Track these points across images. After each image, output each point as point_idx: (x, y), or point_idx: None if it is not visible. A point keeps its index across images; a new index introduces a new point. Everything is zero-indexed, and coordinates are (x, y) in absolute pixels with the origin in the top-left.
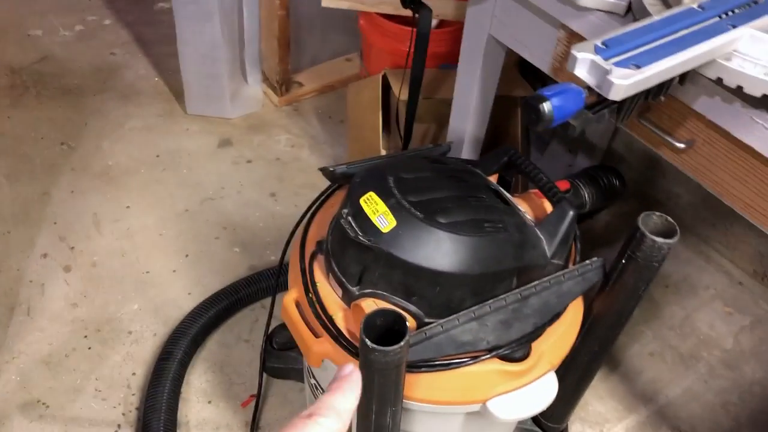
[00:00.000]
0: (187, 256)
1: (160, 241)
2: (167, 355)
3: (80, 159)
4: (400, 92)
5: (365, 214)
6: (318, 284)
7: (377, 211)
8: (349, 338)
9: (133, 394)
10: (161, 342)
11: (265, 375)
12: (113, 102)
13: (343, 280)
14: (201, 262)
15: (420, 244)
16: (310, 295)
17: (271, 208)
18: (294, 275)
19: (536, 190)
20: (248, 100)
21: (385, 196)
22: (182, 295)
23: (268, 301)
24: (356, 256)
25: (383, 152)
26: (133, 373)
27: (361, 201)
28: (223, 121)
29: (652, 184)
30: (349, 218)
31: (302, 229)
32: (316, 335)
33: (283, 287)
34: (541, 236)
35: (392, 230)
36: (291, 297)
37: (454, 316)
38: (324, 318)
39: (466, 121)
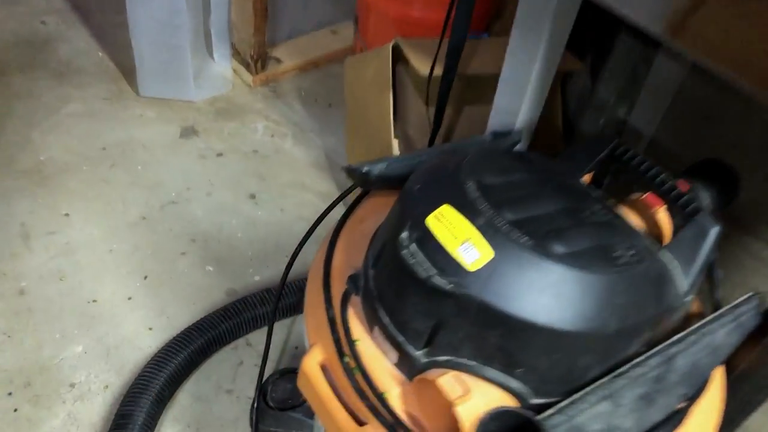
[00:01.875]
0: (145, 278)
1: (109, 259)
2: (125, 419)
3: (4, 153)
4: (434, 67)
5: (438, 241)
6: (357, 342)
7: (459, 236)
8: (411, 427)
9: None
10: (115, 398)
11: None
12: (45, 82)
13: (402, 339)
14: (164, 286)
15: (532, 288)
16: (347, 359)
17: (251, 213)
18: (316, 325)
19: (646, 195)
20: (215, 80)
21: (469, 212)
22: (141, 331)
23: (254, 336)
24: (425, 305)
25: (395, 142)
26: None
27: (430, 221)
28: (186, 104)
29: None
30: (414, 246)
31: (323, 256)
32: (360, 422)
33: (283, 314)
34: (676, 265)
35: (486, 267)
36: (314, 359)
37: (580, 395)
38: (372, 397)
39: (520, 102)
